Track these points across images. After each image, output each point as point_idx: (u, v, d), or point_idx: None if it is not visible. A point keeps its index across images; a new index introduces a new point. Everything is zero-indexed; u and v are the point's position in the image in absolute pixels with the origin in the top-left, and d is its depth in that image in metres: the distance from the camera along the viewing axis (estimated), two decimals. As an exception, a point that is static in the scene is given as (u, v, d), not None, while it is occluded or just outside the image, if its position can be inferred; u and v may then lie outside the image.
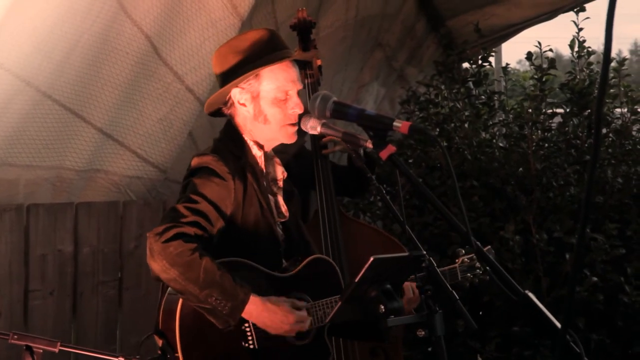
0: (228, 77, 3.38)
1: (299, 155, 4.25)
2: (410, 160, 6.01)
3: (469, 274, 3.71)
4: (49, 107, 4.01)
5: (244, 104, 3.37)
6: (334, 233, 4.07)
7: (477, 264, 3.71)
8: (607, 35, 1.71)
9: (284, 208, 3.45)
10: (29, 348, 2.86)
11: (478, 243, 2.85)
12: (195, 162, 3.31)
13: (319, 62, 4.26)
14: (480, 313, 5.67)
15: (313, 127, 3.14)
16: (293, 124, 3.36)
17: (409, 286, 3.47)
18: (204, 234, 3.15)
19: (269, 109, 3.36)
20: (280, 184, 3.47)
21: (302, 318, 3.22)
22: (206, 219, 3.16)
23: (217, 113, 3.49)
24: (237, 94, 3.38)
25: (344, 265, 4.01)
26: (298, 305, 3.23)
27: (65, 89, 4.04)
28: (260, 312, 3.14)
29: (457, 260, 3.72)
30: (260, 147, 3.41)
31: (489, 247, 3.61)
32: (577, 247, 1.80)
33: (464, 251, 3.73)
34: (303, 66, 4.09)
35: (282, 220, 3.44)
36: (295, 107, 3.36)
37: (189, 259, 3.05)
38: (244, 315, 3.13)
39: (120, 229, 4.56)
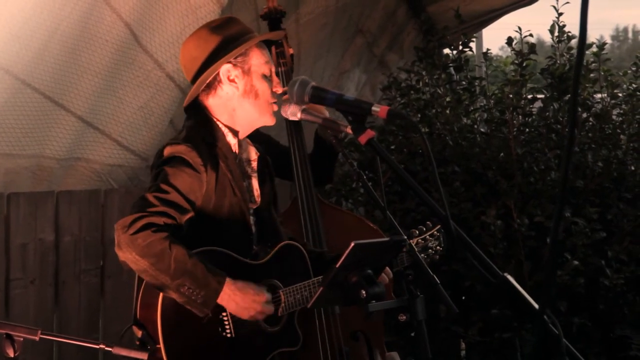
0: (215, 55, 3.32)
1: (267, 143, 4.26)
2: (392, 147, 6.01)
3: (422, 255, 3.72)
4: (29, 95, 3.99)
5: (233, 80, 3.32)
6: (314, 220, 4.07)
7: (430, 244, 3.74)
8: (582, 18, 1.72)
9: (257, 193, 3.41)
10: (9, 336, 2.86)
11: (457, 227, 2.86)
12: (168, 151, 3.22)
13: (291, 51, 4.27)
14: (463, 298, 5.70)
15: (293, 113, 3.10)
16: (275, 102, 3.37)
17: None
18: (173, 223, 3.09)
19: (259, 84, 3.34)
20: (254, 165, 3.43)
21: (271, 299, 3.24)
22: (176, 209, 3.10)
23: (187, 108, 3.40)
24: (227, 70, 3.32)
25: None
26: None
27: (44, 77, 4.02)
28: (231, 295, 3.12)
29: (411, 241, 3.72)
30: (235, 134, 3.37)
31: (439, 226, 3.72)
32: (554, 227, 1.81)
33: (417, 232, 3.75)
34: (275, 55, 4.15)
35: (254, 206, 3.41)
36: (277, 85, 3.39)
37: (159, 249, 3.02)
38: (218, 300, 3.12)
39: (102, 217, 4.56)
